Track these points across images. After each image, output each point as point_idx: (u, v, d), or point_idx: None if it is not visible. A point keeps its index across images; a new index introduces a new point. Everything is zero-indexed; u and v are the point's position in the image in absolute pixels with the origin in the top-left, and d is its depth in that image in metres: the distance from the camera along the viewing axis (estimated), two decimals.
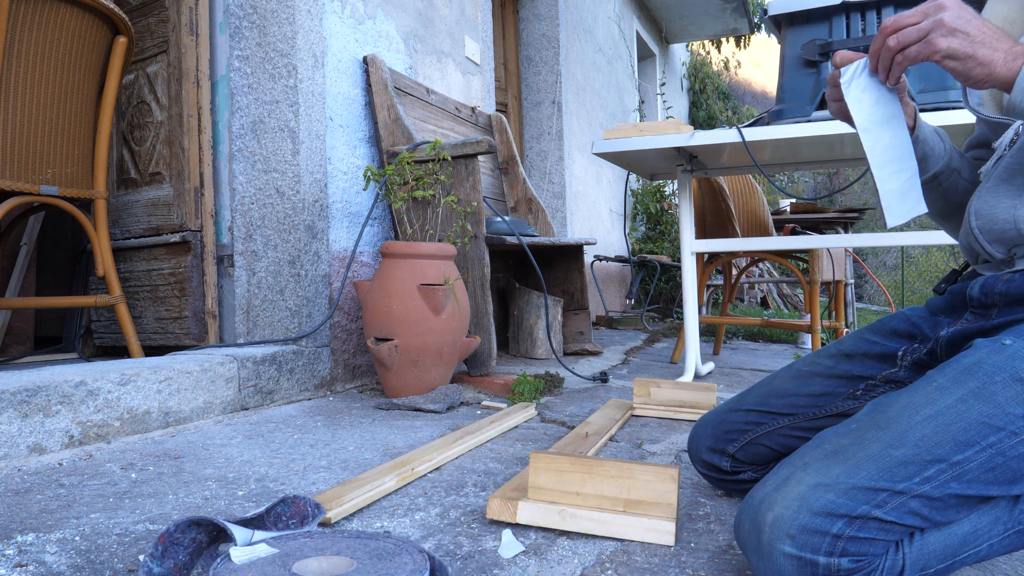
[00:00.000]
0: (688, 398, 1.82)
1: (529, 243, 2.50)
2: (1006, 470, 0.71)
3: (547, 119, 4.54)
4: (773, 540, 0.72)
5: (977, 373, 0.74)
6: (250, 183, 2.20)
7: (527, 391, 2.01)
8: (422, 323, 1.90)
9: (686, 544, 0.94)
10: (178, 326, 2.22)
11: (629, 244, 3.85)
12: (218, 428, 1.65)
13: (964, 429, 0.71)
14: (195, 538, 0.79)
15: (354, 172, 2.36)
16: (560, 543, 0.94)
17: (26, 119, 1.77)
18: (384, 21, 2.56)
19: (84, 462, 1.35)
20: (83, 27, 1.86)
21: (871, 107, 0.88)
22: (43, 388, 1.39)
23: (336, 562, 0.74)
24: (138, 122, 2.33)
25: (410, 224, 2.26)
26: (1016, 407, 0.71)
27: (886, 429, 0.74)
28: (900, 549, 0.75)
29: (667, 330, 4.32)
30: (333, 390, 2.19)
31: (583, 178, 4.91)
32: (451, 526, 1.01)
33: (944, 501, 0.71)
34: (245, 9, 2.18)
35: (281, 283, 2.14)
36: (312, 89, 2.16)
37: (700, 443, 1.11)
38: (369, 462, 1.36)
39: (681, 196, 2.49)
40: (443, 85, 2.97)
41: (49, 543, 0.93)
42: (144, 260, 2.31)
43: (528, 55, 4.60)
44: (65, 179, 1.88)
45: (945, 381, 0.75)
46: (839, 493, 0.70)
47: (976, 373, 0.74)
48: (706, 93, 8.66)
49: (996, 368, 0.73)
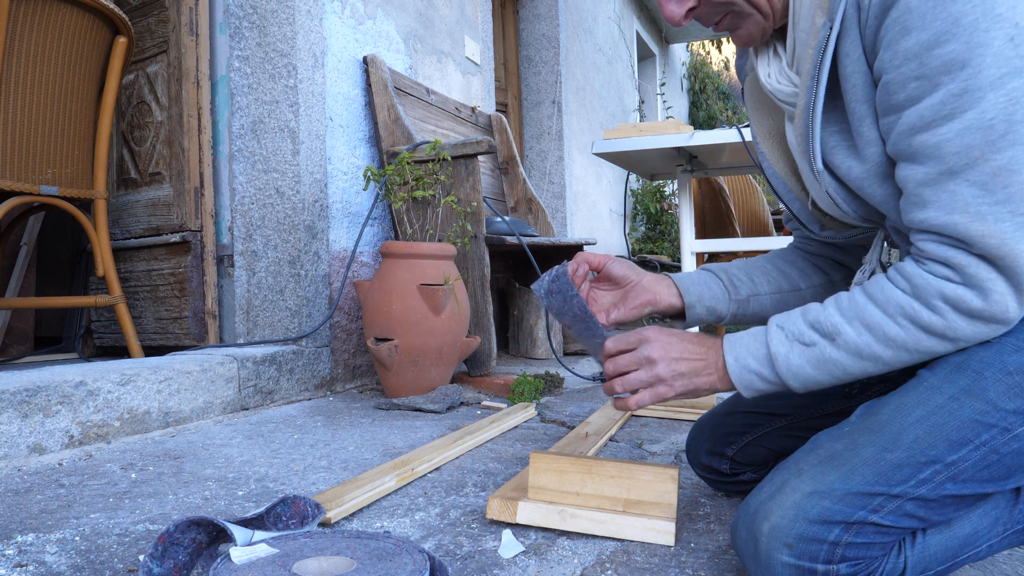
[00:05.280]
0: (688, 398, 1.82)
1: (529, 243, 2.50)
2: (1000, 467, 0.71)
3: (547, 119, 4.54)
4: (770, 550, 0.71)
5: (966, 370, 0.73)
6: (250, 183, 2.20)
7: (527, 391, 2.01)
8: (422, 323, 1.90)
9: (686, 544, 0.94)
10: (178, 326, 2.22)
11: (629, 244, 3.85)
12: (218, 428, 1.65)
13: (957, 428, 0.71)
14: (195, 538, 0.79)
15: (354, 172, 2.36)
16: (560, 543, 0.94)
17: (26, 119, 1.77)
18: (384, 21, 2.56)
19: (84, 462, 1.35)
20: (83, 27, 1.86)
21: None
22: (43, 388, 1.39)
23: (336, 562, 0.74)
24: (138, 122, 2.33)
25: (410, 224, 2.26)
26: (1008, 402, 0.71)
27: (879, 432, 0.74)
28: (902, 551, 0.75)
29: None
30: (333, 390, 2.19)
31: (583, 178, 4.91)
32: (451, 526, 1.01)
33: (940, 502, 0.71)
34: (245, 9, 2.18)
35: (281, 283, 2.14)
36: (312, 89, 2.16)
37: (698, 446, 1.11)
38: (369, 462, 1.36)
39: (681, 196, 2.49)
40: (443, 85, 2.97)
41: (49, 543, 0.93)
42: (144, 260, 2.31)
43: (528, 55, 4.60)
44: (65, 179, 1.88)
45: (936, 380, 0.75)
46: (835, 500, 0.70)
47: (965, 370, 0.73)
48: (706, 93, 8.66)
49: (985, 363, 0.73)
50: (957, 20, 0.65)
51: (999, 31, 0.64)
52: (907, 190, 0.72)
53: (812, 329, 0.76)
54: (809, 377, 0.76)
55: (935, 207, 0.69)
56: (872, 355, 0.73)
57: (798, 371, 0.76)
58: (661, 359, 0.83)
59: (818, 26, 0.76)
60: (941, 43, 0.66)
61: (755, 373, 0.79)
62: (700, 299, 0.98)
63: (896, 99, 0.71)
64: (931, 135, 0.68)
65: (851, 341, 0.74)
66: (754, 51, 0.90)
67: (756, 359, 0.79)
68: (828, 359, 0.75)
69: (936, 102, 0.67)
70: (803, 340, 0.76)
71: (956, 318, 0.70)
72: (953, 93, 0.66)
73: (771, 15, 0.81)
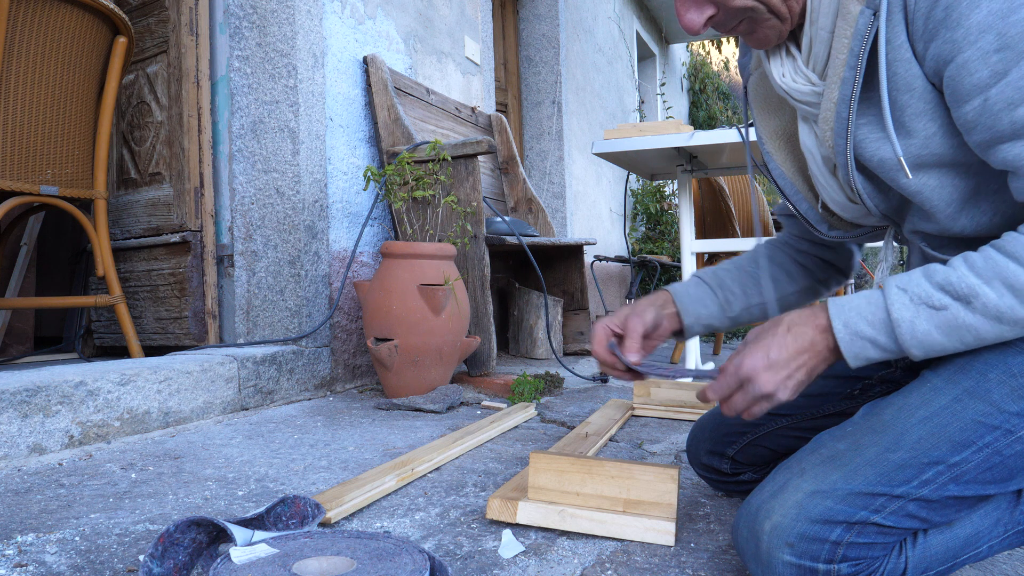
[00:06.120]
0: (688, 398, 1.82)
1: (529, 243, 2.50)
2: (1003, 469, 0.71)
3: (547, 119, 4.54)
4: (772, 549, 0.71)
5: (970, 371, 0.73)
6: (250, 183, 2.20)
7: (527, 391, 2.01)
8: (422, 323, 1.90)
9: (686, 544, 0.94)
10: (178, 326, 2.22)
11: (629, 244, 3.85)
12: (218, 428, 1.65)
13: (960, 430, 0.71)
14: (195, 538, 0.79)
15: (354, 172, 2.36)
16: (560, 543, 0.94)
17: (26, 119, 1.77)
18: (384, 21, 2.56)
19: (84, 462, 1.35)
20: (83, 27, 1.86)
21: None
22: (43, 388, 1.39)
23: (336, 562, 0.74)
24: (138, 122, 2.33)
25: (410, 224, 2.26)
26: (1011, 404, 0.70)
27: (882, 432, 0.73)
28: (903, 552, 0.75)
29: None
30: (333, 390, 2.19)
31: (583, 178, 4.91)
32: (451, 526, 1.01)
33: (942, 503, 0.71)
34: (245, 9, 2.18)
35: (281, 283, 2.14)
36: (312, 89, 2.16)
37: (699, 446, 1.11)
38: (369, 462, 1.36)
39: (681, 196, 2.49)
40: (443, 85, 2.97)
41: (49, 543, 0.93)
42: (144, 260, 2.31)
43: (528, 55, 4.60)
44: (65, 179, 1.88)
45: (939, 381, 0.75)
46: (837, 499, 0.70)
47: (969, 371, 0.73)
48: (706, 93, 8.65)
49: (989, 365, 0.73)
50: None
51: None
52: (1021, 170, 0.67)
53: (942, 291, 0.69)
54: (936, 344, 0.70)
55: None
56: (1014, 319, 0.67)
57: (924, 338, 0.69)
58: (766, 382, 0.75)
59: (854, 14, 0.72)
60: (1017, 7, 0.62)
61: (869, 340, 0.71)
62: (698, 319, 0.99)
63: (977, 78, 0.66)
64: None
65: (991, 304, 0.67)
66: (765, 51, 0.88)
67: (872, 325, 0.71)
68: (962, 324, 0.68)
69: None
70: (932, 303, 0.69)
71: None
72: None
73: (788, 18, 0.79)
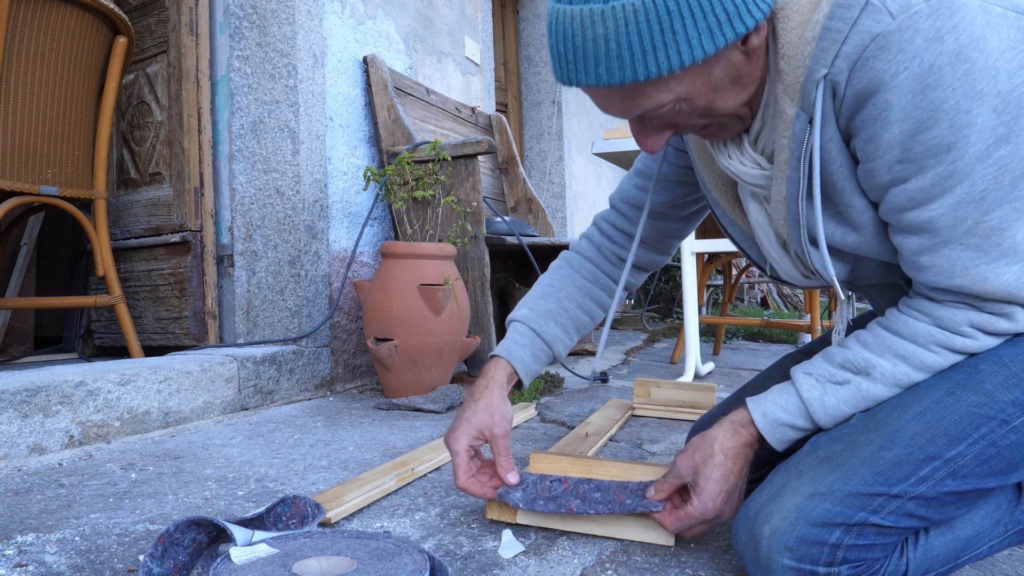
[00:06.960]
0: (688, 398, 1.82)
1: (529, 243, 2.50)
2: (1001, 460, 0.70)
3: (547, 119, 4.54)
4: (771, 553, 0.71)
5: (962, 364, 0.74)
6: (250, 183, 2.20)
7: (527, 391, 2.01)
8: (422, 323, 1.90)
9: (686, 544, 0.94)
10: (178, 326, 2.22)
11: None
12: (218, 428, 1.65)
13: (955, 422, 0.71)
14: (195, 538, 0.79)
15: (354, 172, 2.36)
16: (560, 543, 0.94)
17: (26, 119, 1.77)
18: (384, 21, 2.56)
19: (84, 462, 1.35)
20: (83, 27, 1.86)
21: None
22: (43, 388, 1.39)
23: (336, 562, 0.74)
24: (138, 122, 2.33)
25: (410, 224, 2.26)
26: (1005, 394, 0.70)
27: (877, 431, 0.73)
28: (904, 554, 0.74)
29: (667, 330, 4.32)
30: (333, 390, 2.19)
31: (583, 178, 4.91)
32: (451, 526, 1.01)
33: (941, 500, 0.71)
34: (245, 9, 2.18)
35: (281, 283, 2.14)
36: (312, 89, 2.16)
37: None
38: (369, 462, 1.36)
39: None
40: (443, 85, 2.97)
41: (49, 543, 0.93)
42: (144, 260, 2.31)
43: (528, 55, 4.60)
44: (65, 179, 1.88)
45: (931, 378, 0.75)
46: (835, 501, 0.70)
47: (961, 364, 0.74)
48: None
49: (978, 357, 0.73)
50: (938, 107, 0.64)
51: (982, 107, 0.64)
52: (904, 255, 0.75)
53: (843, 369, 0.78)
54: (842, 413, 0.78)
55: (934, 272, 0.72)
56: (909, 381, 0.76)
57: (833, 410, 0.78)
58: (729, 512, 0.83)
59: (790, 116, 0.74)
60: (924, 130, 0.66)
61: (787, 425, 0.80)
62: (529, 373, 1.09)
63: (880, 181, 0.72)
64: (922, 212, 0.70)
65: (887, 372, 0.76)
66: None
67: (786, 411, 0.80)
68: (864, 393, 0.77)
69: (925, 184, 0.68)
70: (835, 380, 0.78)
71: (987, 338, 0.73)
72: (941, 175, 0.67)
73: (747, 117, 0.80)
